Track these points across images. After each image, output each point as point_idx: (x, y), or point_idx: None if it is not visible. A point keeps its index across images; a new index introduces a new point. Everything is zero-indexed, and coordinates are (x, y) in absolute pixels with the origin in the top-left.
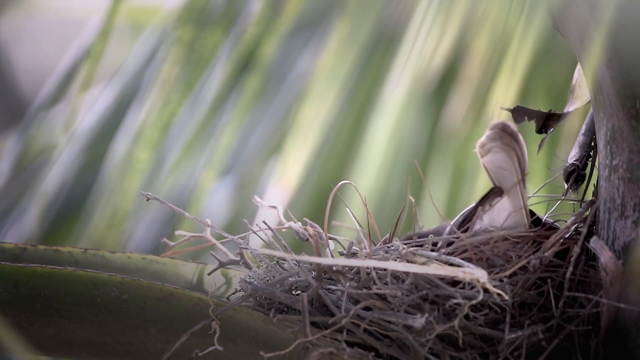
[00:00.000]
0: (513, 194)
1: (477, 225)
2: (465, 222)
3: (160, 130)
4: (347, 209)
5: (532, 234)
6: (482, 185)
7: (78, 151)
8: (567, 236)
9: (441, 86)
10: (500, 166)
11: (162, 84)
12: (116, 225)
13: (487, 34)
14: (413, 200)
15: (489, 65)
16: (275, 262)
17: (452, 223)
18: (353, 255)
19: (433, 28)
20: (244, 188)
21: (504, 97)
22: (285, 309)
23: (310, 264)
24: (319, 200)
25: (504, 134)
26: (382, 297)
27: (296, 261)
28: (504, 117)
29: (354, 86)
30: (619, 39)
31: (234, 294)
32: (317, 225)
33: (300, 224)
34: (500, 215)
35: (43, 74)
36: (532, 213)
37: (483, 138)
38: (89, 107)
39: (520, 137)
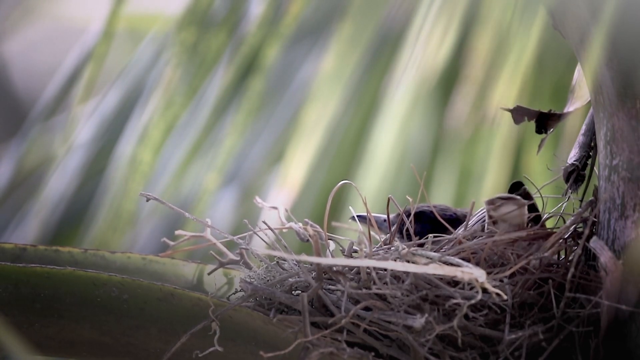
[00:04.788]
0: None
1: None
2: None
3: (163, 132)
4: (349, 207)
5: (531, 233)
6: (489, 186)
7: (82, 156)
8: (566, 236)
9: (445, 86)
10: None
11: (165, 86)
12: (120, 229)
13: (489, 33)
14: (411, 199)
15: (492, 65)
16: (275, 262)
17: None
18: (353, 255)
19: (435, 29)
20: (249, 193)
21: (506, 96)
22: (286, 309)
23: (310, 264)
24: (324, 203)
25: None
26: (382, 297)
27: (296, 261)
28: (506, 117)
29: (358, 89)
30: (619, 39)
31: (234, 294)
32: (317, 226)
33: (301, 225)
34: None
35: (44, 81)
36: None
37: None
38: (92, 111)
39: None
